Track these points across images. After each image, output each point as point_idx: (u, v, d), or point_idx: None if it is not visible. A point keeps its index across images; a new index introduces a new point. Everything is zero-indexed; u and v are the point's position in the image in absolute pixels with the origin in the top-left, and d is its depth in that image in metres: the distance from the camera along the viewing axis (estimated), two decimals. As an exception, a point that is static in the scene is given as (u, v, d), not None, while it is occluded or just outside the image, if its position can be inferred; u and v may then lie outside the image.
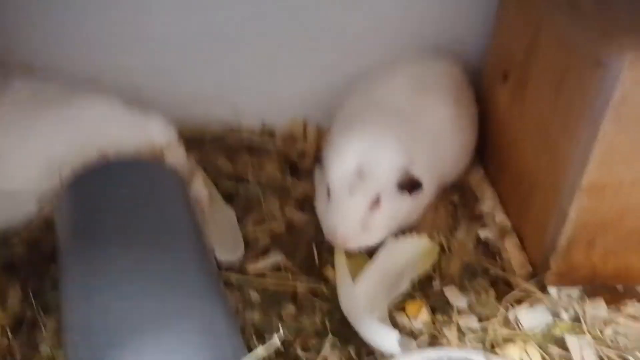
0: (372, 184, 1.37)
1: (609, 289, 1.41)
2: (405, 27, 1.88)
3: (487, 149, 1.80)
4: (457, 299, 1.46)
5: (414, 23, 1.88)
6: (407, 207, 1.49)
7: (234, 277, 1.47)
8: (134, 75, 1.89)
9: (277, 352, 1.32)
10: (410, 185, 1.42)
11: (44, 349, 1.23)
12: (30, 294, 1.32)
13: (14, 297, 1.31)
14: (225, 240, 1.52)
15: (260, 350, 0.98)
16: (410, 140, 1.47)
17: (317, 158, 1.43)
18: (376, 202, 1.40)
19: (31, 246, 1.42)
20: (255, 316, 1.40)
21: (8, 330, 1.24)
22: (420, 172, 1.45)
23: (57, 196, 1.38)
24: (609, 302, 1.39)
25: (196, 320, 1.02)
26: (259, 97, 1.99)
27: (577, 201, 1.26)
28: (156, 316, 1.00)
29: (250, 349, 1.31)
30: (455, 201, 1.77)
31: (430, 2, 1.84)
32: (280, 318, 1.40)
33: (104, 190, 1.33)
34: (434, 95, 1.62)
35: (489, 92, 1.78)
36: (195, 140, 1.93)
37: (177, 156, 1.54)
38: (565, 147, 1.29)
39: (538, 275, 1.44)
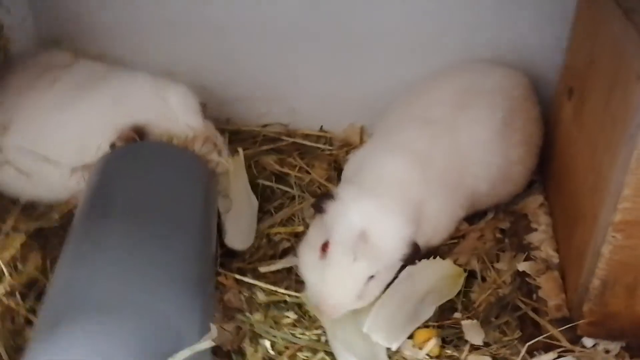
0: (379, 259, 1.22)
1: (656, 347, 1.18)
2: (472, 37, 1.74)
3: (549, 173, 1.60)
4: (474, 334, 1.31)
5: (484, 33, 1.73)
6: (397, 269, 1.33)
7: (246, 275, 1.45)
8: (198, 70, 1.95)
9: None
10: (412, 257, 1.28)
11: (47, 316, 1.29)
12: (48, 263, 1.40)
13: (32, 263, 1.40)
14: (239, 229, 1.52)
15: (185, 352, 0.93)
16: (430, 167, 1.36)
17: (319, 204, 1.28)
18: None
19: (65, 219, 1.51)
20: (256, 318, 1.37)
21: (17, 293, 1.32)
22: (438, 201, 1.34)
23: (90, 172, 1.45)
24: (654, 364, 1.16)
25: (148, 314, 1.00)
26: (318, 101, 1.96)
27: (611, 237, 1.06)
28: (112, 301, 1.01)
29: (241, 351, 1.30)
30: (505, 228, 1.60)
31: (502, 12, 1.68)
32: (278, 325, 1.35)
33: (126, 171, 1.38)
34: (480, 111, 1.46)
35: (556, 111, 1.58)
36: (250, 137, 1.95)
37: (194, 124, 1.52)
38: (606, 171, 1.09)
39: (572, 321, 1.23)
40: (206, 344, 0.94)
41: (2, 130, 1.58)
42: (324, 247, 1.24)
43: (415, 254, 1.28)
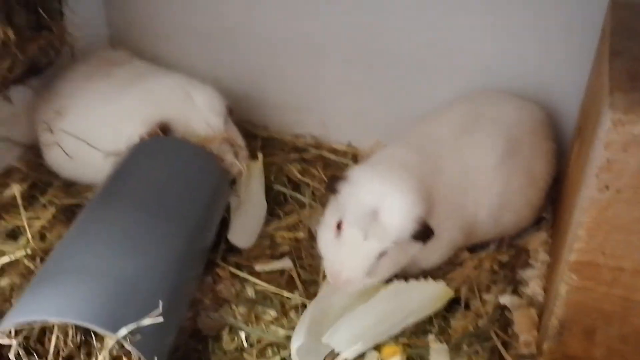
0: (388, 235, 1.29)
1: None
2: (499, 67, 1.75)
3: (555, 212, 1.58)
4: (440, 358, 1.32)
5: (509, 63, 1.73)
6: (415, 251, 1.39)
7: (242, 270, 1.55)
8: (241, 78, 2.09)
9: (237, 349, 1.36)
10: (423, 234, 1.33)
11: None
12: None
13: (56, 233, 1.58)
14: (244, 228, 1.63)
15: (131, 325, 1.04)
16: (432, 182, 1.39)
17: (332, 185, 1.38)
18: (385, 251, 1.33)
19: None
20: (240, 310, 1.46)
21: (38, 258, 1.49)
22: (437, 219, 1.36)
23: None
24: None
25: (120, 284, 1.13)
26: (348, 116, 2.03)
27: (567, 276, 1.05)
28: (92, 268, 1.14)
29: (219, 338, 1.39)
30: (504, 261, 1.59)
31: (530, 46, 1.69)
32: (259, 320, 1.43)
33: (144, 161, 1.52)
34: (483, 137, 1.48)
35: (569, 150, 1.56)
36: (281, 145, 2.06)
37: (215, 124, 1.66)
38: (572, 212, 1.09)
39: (536, 359, 1.22)
40: (149, 320, 1.03)
41: (57, 115, 1.79)
42: (339, 225, 1.33)
43: (426, 231, 1.31)
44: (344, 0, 1.83)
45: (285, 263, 1.58)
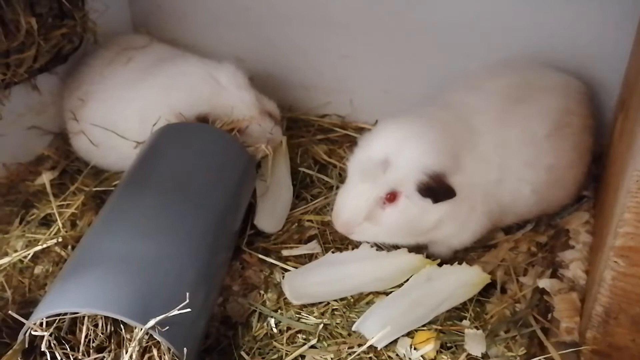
0: (389, 177, 1.26)
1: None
2: (535, 40, 1.66)
3: (598, 190, 1.50)
4: (475, 344, 1.28)
5: (546, 35, 1.64)
6: (432, 215, 1.31)
7: (270, 256, 1.52)
8: (265, 58, 2.04)
9: (267, 336, 1.34)
10: (434, 191, 1.26)
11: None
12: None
13: (86, 220, 1.57)
14: (271, 213, 1.59)
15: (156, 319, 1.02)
16: (462, 149, 1.32)
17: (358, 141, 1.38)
18: (391, 197, 1.28)
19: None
20: (269, 296, 1.43)
21: (70, 246, 1.50)
22: (464, 182, 1.30)
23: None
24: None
25: (148, 273, 1.11)
26: (376, 95, 1.97)
27: (613, 262, 0.99)
28: (119, 257, 1.13)
29: (248, 324, 1.37)
30: (543, 242, 1.53)
31: (568, 17, 1.59)
32: (288, 306, 1.40)
33: (169, 148, 1.49)
34: (533, 108, 1.40)
35: (612, 125, 1.48)
36: (307, 126, 2.01)
37: (247, 98, 1.64)
38: (617, 193, 1.02)
39: (578, 347, 1.17)
40: (175, 311, 1.01)
41: (81, 102, 1.78)
42: None
43: (436, 188, 1.25)
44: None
45: (313, 247, 1.54)
